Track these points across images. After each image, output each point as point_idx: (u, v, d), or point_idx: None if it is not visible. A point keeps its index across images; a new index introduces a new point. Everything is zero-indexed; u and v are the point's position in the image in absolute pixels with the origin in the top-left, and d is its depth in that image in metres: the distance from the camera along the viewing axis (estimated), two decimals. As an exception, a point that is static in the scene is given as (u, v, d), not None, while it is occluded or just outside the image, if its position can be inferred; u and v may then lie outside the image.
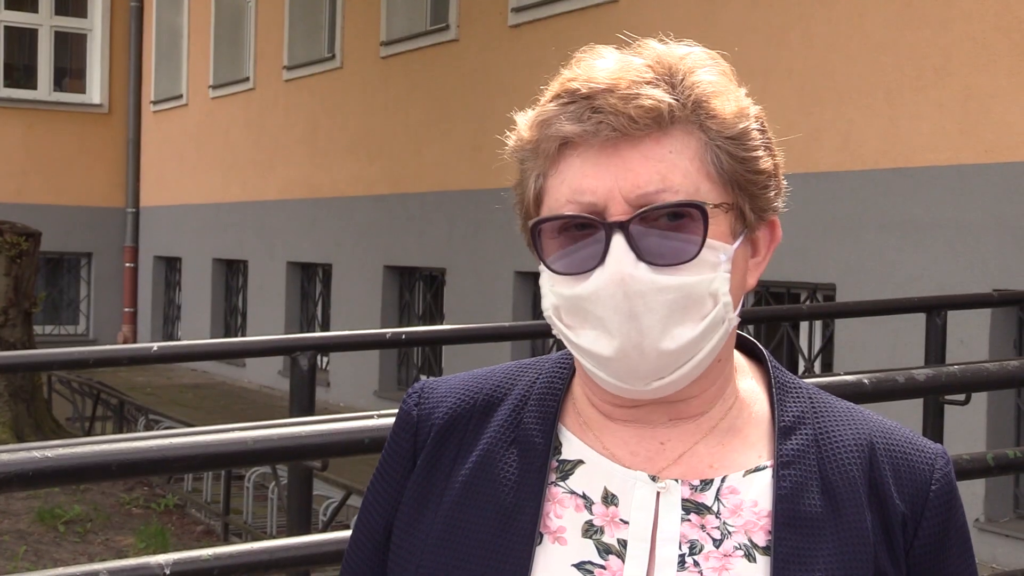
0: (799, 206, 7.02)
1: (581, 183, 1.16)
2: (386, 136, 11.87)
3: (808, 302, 7.56)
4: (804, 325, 7.77)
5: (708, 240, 1.15)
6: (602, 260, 1.14)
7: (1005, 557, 6.12)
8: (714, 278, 1.16)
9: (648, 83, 1.16)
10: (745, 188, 1.18)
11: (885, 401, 2.62)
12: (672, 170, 1.15)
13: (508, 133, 1.25)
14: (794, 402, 1.26)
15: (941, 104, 6.62)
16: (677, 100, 1.16)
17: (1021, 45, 6.26)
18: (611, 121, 1.14)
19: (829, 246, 7.22)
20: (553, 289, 1.19)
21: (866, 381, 2.49)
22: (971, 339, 6.31)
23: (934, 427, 5.24)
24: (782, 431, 1.23)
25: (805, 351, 7.77)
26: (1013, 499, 6.42)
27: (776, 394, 1.26)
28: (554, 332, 1.22)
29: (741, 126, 1.18)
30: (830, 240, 7.22)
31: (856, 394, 2.45)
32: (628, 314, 1.14)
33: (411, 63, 11.57)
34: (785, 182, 1.26)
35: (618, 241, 1.14)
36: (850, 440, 1.23)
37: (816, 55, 7.37)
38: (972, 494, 6.24)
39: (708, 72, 1.19)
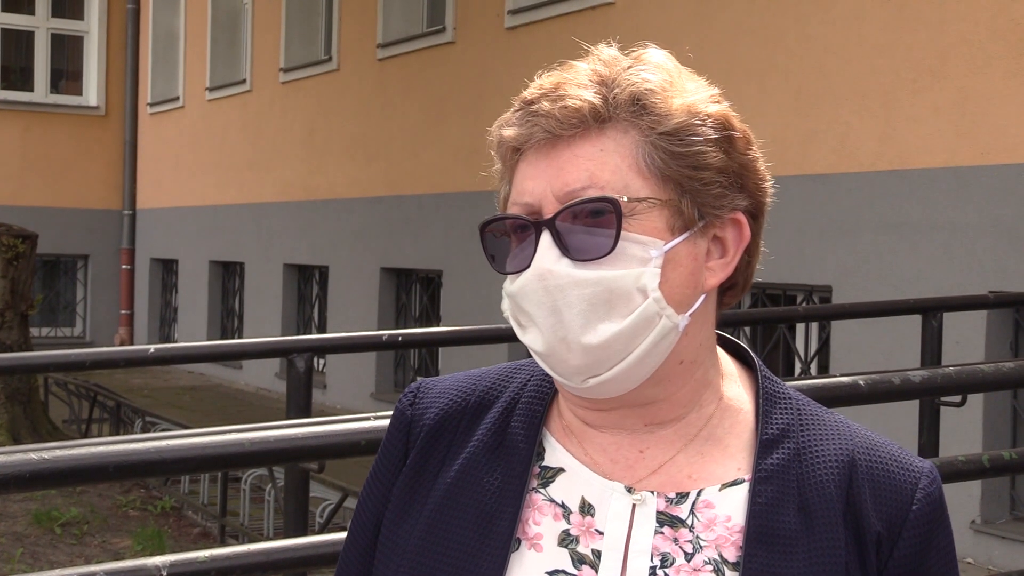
0: (795, 208, 7.03)
1: (523, 185, 1.20)
2: (383, 138, 11.87)
3: (804, 304, 7.56)
4: (800, 327, 7.78)
5: (632, 235, 1.15)
6: (533, 256, 1.17)
7: (1001, 559, 6.13)
8: (642, 273, 1.15)
9: (580, 85, 1.19)
10: (684, 184, 1.18)
11: (881, 403, 2.62)
12: (601, 167, 1.16)
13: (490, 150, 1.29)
14: (781, 414, 1.24)
15: (937, 106, 6.63)
16: (605, 99, 1.18)
17: (1017, 47, 6.27)
18: (543, 124, 1.18)
19: (825, 248, 7.23)
20: (505, 291, 1.23)
21: (862, 383, 2.49)
22: (967, 341, 6.32)
23: (930, 429, 5.24)
24: (764, 444, 1.22)
25: (801, 353, 7.78)
26: (1009, 501, 6.43)
27: (763, 404, 1.25)
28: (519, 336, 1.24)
29: (677, 122, 1.17)
30: (826, 242, 7.22)
31: (852, 396, 2.45)
32: (551, 309, 1.16)
33: (408, 65, 11.58)
34: (768, 184, 1.25)
35: (544, 238, 1.17)
36: (831, 455, 1.21)
37: (812, 57, 7.38)
38: (968, 496, 6.24)
39: (647, 71, 1.20)
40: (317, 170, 13.01)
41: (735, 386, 1.27)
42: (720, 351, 1.28)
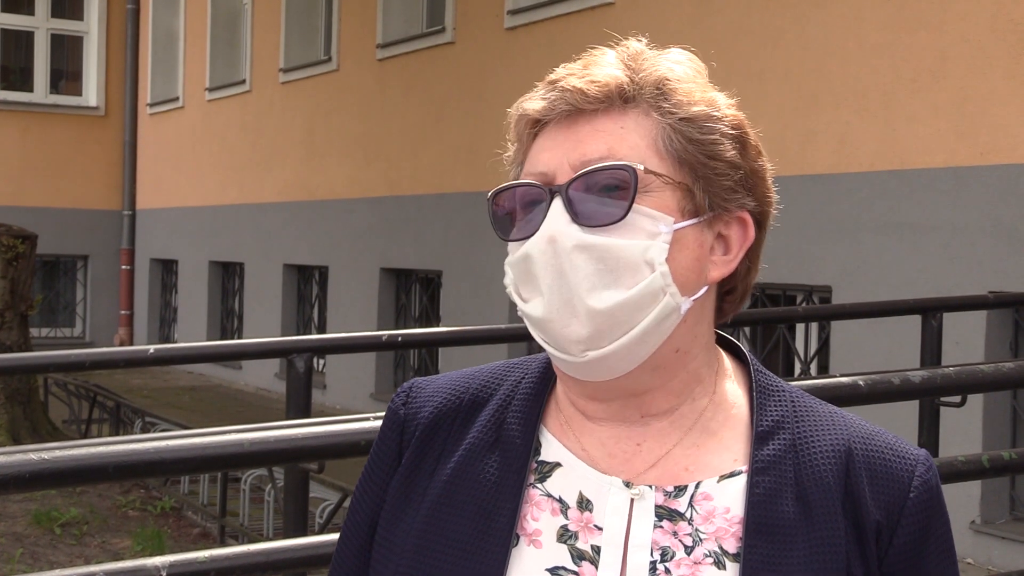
0: (795, 208, 7.01)
1: (538, 156, 1.22)
2: (382, 138, 11.87)
3: (804, 304, 7.56)
4: (800, 327, 7.78)
5: (645, 208, 1.17)
6: (542, 222, 1.19)
7: (1001, 559, 6.13)
8: (650, 246, 1.17)
9: (608, 64, 1.22)
10: (698, 171, 1.20)
11: (880, 403, 2.62)
12: (620, 142, 1.19)
13: (506, 135, 1.29)
14: (775, 406, 1.25)
15: (937, 106, 6.64)
16: (632, 80, 1.21)
17: (1016, 47, 6.27)
18: (567, 97, 1.20)
19: (825, 248, 7.23)
20: (508, 261, 1.24)
21: (861, 383, 2.49)
22: (967, 341, 6.32)
23: (929, 429, 5.25)
24: (759, 436, 1.23)
25: (801, 353, 7.78)
26: (1009, 501, 6.43)
27: (757, 398, 1.26)
28: (518, 312, 1.25)
29: (698, 110, 1.20)
30: (826, 242, 7.22)
31: (851, 396, 2.45)
32: (557, 271, 1.17)
33: (407, 65, 11.58)
34: (774, 196, 1.27)
35: (556, 204, 1.18)
36: (828, 446, 1.22)
37: (812, 58, 7.38)
38: (968, 496, 6.24)
39: (674, 62, 1.23)
40: (317, 170, 13.01)
41: (729, 382, 1.28)
42: (719, 350, 1.29)
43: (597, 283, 1.16)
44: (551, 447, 1.25)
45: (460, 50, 10.81)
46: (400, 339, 4.85)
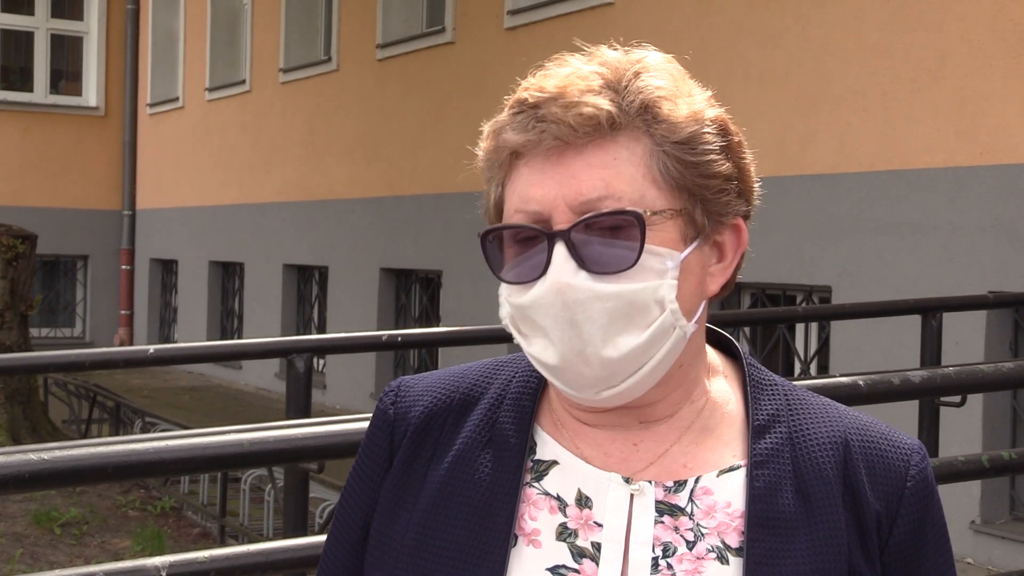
0: (795, 208, 7.01)
1: (528, 192, 1.17)
2: (382, 138, 11.87)
3: (804, 304, 7.56)
4: (800, 327, 7.78)
5: (651, 247, 1.14)
6: (545, 269, 1.15)
7: (1001, 559, 6.13)
8: (660, 285, 1.15)
9: (591, 91, 1.16)
10: (696, 193, 1.18)
11: (880, 403, 2.62)
12: (616, 177, 1.15)
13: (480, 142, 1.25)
14: (769, 400, 1.25)
15: (937, 106, 6.63)
16: (619, 107, 1.16)
17: (1016, 47, 6.27)
18: (553, 130, 1.15)
19: (825, 248, 7.23)
20: (507, 299, 1.20)
21: (861, 383, 2.49)
22: (967, 341, 6.32)
23: (929, 429, 5.24)
24: (756, 430, 1.22)
25: (801, 353, 7.78)
26: (1009, 501, 6.43)
27: (751, 392, 1.26)
28: (515, 341, 1.23)
29: (689, 130, 1.17)
30: (826, 242, 7.22)
31: (851, 396, 2.45)
32: (568, 323, 1.14)
33: (407, 65, 11.58)
34: (758, 186, 1.25)
35: (559, 250, 1.14)
36: (825, 437, 1.22)
37: (812, 58, 7.38)
38: (968, 496, 6.24)
39: (656, 77, 1.18)
40: (317, 170, 13.00)
41: (723, 379, 1.28)
42: (707, 347, 1.29)
43: (611, 331, 1.14)
44: (546, 446, 1.24)
45: (460, 50, 10.81)
46: (400, 339, 4.84)
